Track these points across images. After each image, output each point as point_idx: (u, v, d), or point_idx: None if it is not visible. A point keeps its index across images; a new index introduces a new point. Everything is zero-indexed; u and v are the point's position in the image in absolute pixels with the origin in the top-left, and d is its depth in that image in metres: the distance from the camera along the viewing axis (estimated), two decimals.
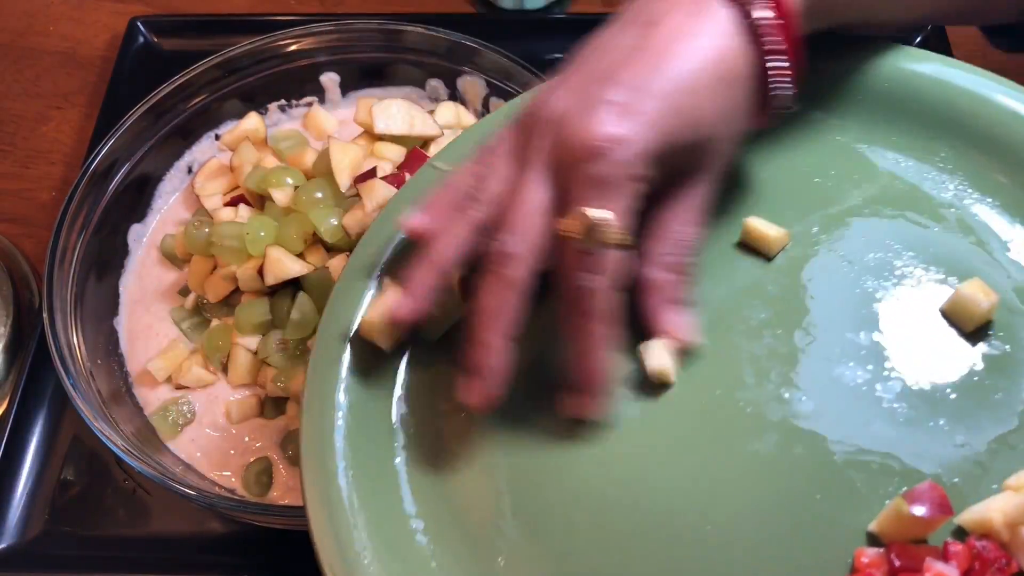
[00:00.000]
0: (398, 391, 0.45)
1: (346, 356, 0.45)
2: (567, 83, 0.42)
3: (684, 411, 0.43)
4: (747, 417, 0.42)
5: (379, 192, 0.60)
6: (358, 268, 0.47)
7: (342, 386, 0.44)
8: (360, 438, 0.43)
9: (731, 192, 0.49)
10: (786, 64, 0.42)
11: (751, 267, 0.46)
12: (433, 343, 0.46)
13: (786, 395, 0.42)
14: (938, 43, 0.80)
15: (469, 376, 0.42)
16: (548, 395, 0.44)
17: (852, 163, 0.49)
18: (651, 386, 0.43)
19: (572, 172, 0.40)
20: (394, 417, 0.45)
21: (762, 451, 0.41)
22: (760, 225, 0.46)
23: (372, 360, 0.45)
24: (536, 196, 0.40)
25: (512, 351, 0.41)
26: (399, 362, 0.46)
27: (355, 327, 0.45)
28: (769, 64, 0.42)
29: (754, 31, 0.42)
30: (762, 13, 0.41)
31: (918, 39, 0.81)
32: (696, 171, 0.43)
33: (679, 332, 0.43)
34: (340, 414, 0.44)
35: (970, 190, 0.47)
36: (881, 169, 0.49)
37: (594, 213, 0.39)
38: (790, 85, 0.43)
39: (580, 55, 0.43)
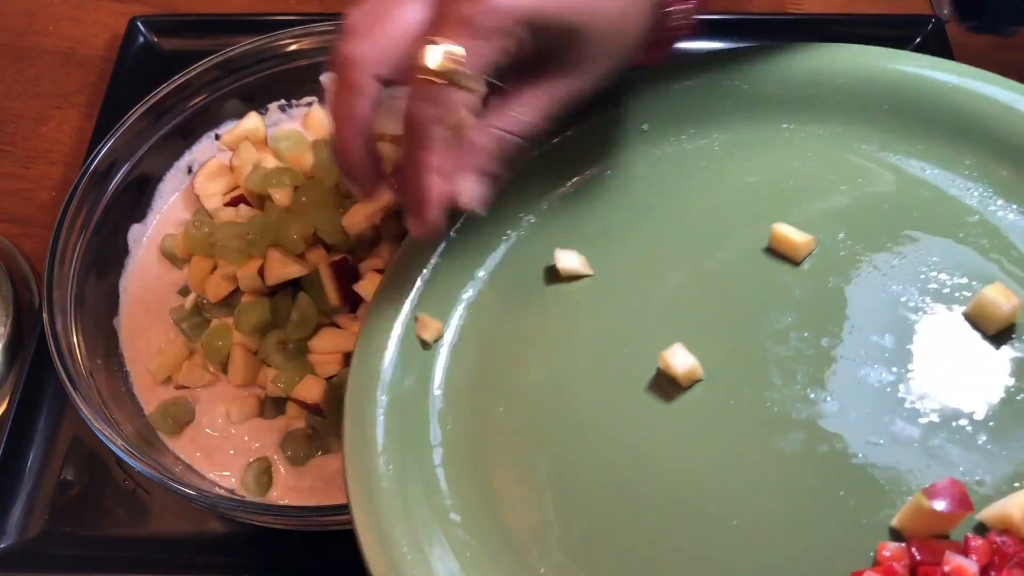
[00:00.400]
0: (435, 390, 0.47)
1: (386, 354, 0.47)
2: None
3: (712, 411, 0.44)
4: (773, 416, 0.43)
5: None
6: (400, 272, 0.49)
7: (382, 383, 0.46)
8: (400, 433, 0.45)
9: (760, 200, 0.50)
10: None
11: (779, 272, 0.47)
12: (469, 340, 0.48)
13: (811, 395, 0.43)
14: (938, 44, 0.80)
15: (345, 176, 0.45)
16: (582, 393, 0.46)
17: (878, 172, 0.50)
18: (680, 387, 0.45)
19: (449, 3, 0.40)
20: (431, 413, 0.46)
21: (787, 449, 0.42)
22: (787, 231, 0.48)
23: (411, 358, 0.47)
24: (406, 11, 0.41)
25: (371, 151, 0.43)
26: (437, 359, 0.48)
27: (396, 327, 0.48)
28: None
29: None
30: None
31: (917, 39, 0.81)
32: (567, 64, 0.43)
33: (470, 198, 0.43)
34: (380, 410, 0.45)
35: (995, 197, 0.48)
36: (907, 177, 0.50)
37: (449, 47, 0.39)
38: (689, 7, 0.44)
39: None
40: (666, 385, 0.45)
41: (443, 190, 0.42)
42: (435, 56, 0.39)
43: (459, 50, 0.38)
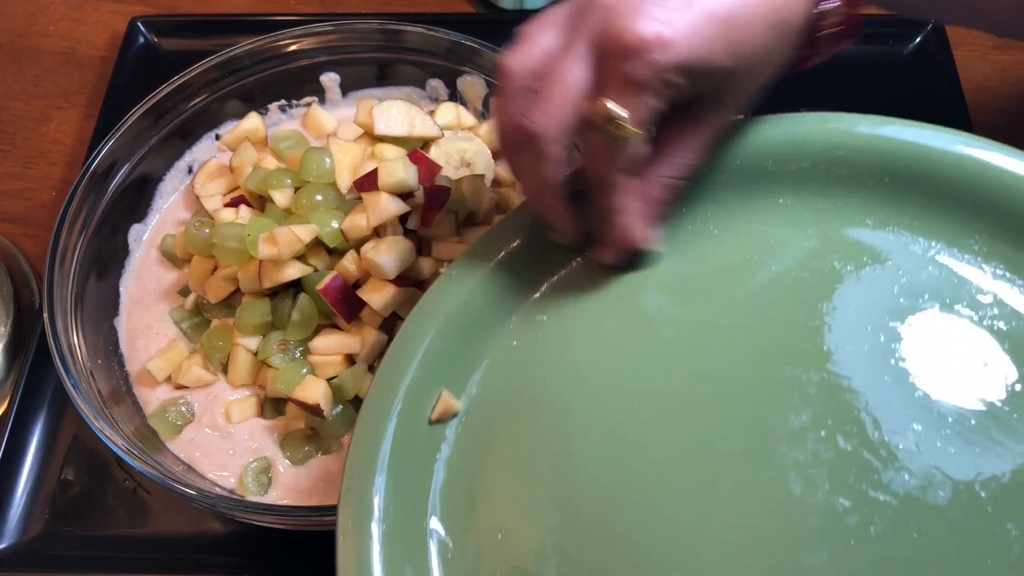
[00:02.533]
0: (434, 500, 0.45)
1: (380, 459, 0.44)
2: None
3: (735, 521, 0.41)
4: (796, 528, 0.40)
5: (383, 206, 0.59)
6: (393, 368, 0.47)
7: (377, 493, 0.44)
8: (395, 550, 0.43)
9: (760, 280, 0.48)
10: (837, 5, 0.45)
11: (787, 365, 0.45)
12: (467, 437, 0.46)
13: (836, 504, 0.41)
14: (938, 43, 0.80)
15: (551, 235, 0.49)
16: (595, 478, 0.43)
17: (883, 249, 0.48)
18: (704, 492, 0.42)
19: (609, 62, 0.42)
20: (430, 527, 0.44)
21: (814, 564, 0.40)
22: None
23: (406, 464, 0.45)
24: (573, 74, 0.42)
25: (568, 204, 0.46)
26: (434, 465, 0.45)
27: (388, 435, 0.45)
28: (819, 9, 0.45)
29: None
30: None
31: (917, 39, 0.81)
32: (719, 99, 0.46)
33: (650, 243, 0.48)
34: (375, 527, 0.43)
35: (1010, 276, 0.46)
36: (915, 254, 0.47)
37: (613, 107, 0.42)
38: (841, 27, 0.45)
39: None
40: (681, 492, 0.42)
41: (640, 223, 0.47)
42: (603, 118, 0.42)
43: (621, 111, 0.42)
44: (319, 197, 0.62)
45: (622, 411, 0.45)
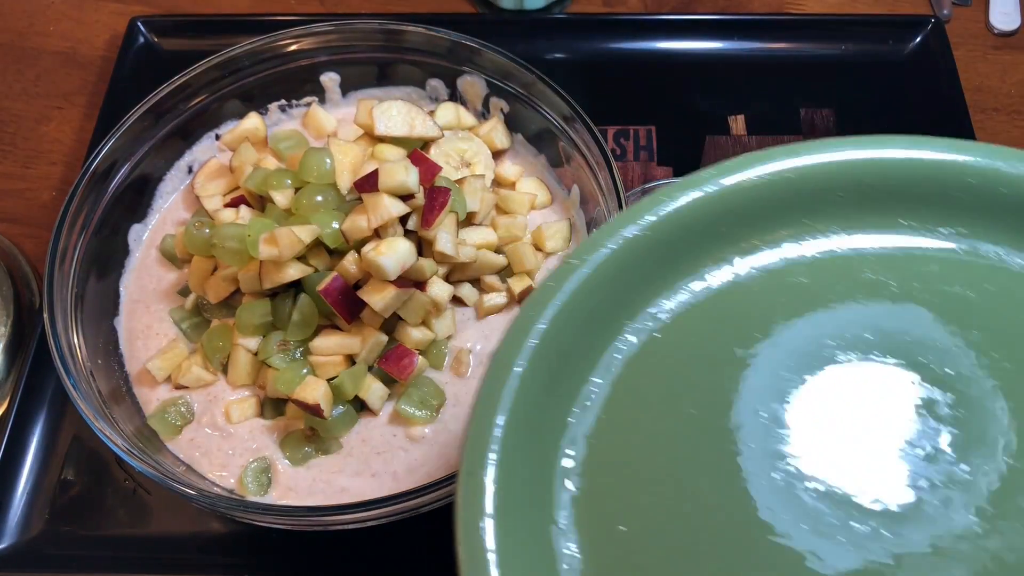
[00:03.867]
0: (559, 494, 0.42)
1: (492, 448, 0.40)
2: None
3: None
4: None
5: (384, 207, 0.59)
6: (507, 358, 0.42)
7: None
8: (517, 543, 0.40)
9: (886, 299, 0.47)
10: None
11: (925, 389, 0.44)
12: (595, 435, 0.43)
13: None
14: (938, 43, 0.80)
15: None
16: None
17: (1010, 275, 0.47)
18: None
19: None
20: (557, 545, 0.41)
21: None
22: None
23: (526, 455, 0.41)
24: None
25: None
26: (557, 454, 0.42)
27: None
28: None
29: None
30: None
31: (917, 39, 0.81)
32: None
33: None
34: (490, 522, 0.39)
35: None
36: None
37: None
38: None
39: None
40: None
41: None
42: None
43: None
44: (319, 198, 0.62)
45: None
